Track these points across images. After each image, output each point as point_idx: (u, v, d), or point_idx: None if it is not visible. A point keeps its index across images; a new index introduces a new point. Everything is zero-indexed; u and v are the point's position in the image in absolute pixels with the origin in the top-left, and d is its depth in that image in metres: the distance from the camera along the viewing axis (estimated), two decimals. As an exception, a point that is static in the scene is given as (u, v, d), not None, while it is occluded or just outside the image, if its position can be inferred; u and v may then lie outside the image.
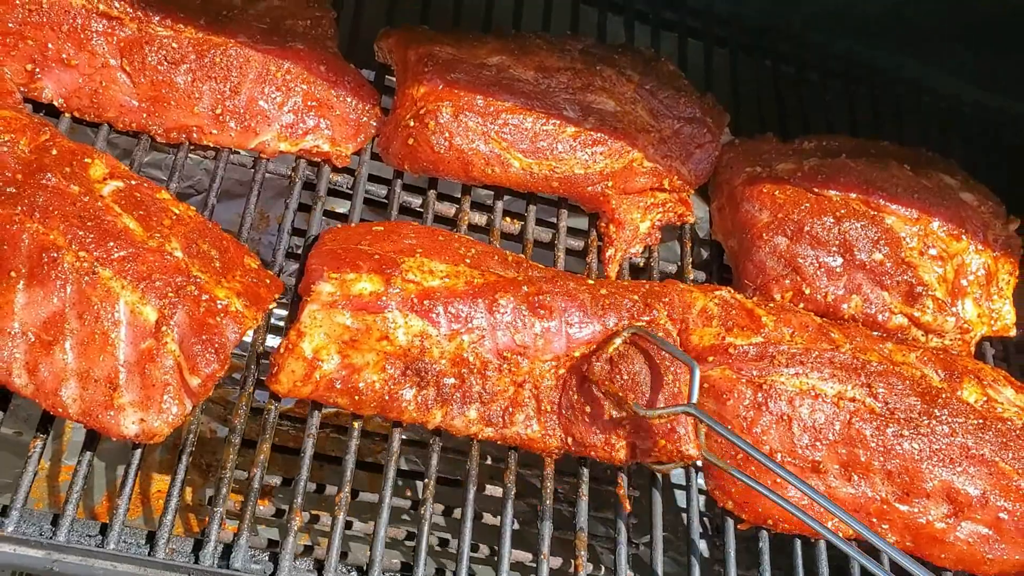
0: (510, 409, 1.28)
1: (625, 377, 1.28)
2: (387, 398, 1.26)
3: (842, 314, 1.55)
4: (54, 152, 1.22)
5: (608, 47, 1.66)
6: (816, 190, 1.58)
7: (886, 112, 1.95)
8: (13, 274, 1.12)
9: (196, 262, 1.20)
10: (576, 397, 1.29)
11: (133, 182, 1.27)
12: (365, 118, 1.50)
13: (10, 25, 1.35)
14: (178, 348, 1.14)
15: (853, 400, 1.39)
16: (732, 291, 1.47)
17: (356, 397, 1.25)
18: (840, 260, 1.55)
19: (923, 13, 1.83)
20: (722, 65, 1.88)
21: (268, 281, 1.29)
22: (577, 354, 1.30)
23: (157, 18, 1.40)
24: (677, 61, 1.82)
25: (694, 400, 1.27)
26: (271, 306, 1.28)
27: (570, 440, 1.30)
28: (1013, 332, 1.63)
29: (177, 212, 1.27)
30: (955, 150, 1.86)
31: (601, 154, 1.52)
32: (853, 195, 1.59)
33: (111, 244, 1.16)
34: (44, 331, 1.12)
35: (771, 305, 1.48)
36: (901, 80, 1.97)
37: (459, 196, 1.54)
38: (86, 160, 1.24)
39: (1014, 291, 1.68)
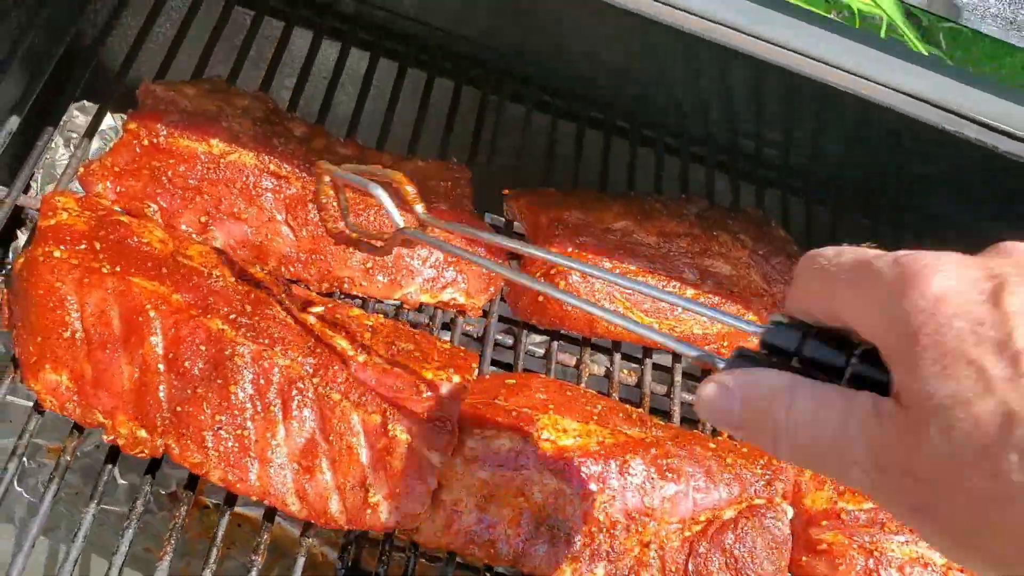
0: (636, 568, 1.35)
1: (744, 550, 1.34)
2: (521, 552, 1.33)
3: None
4: (261, 286, 1.34)
5: (721, 210, 1.77)
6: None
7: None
8: (273, 409, 1.23)
9: (401, 359, 1.34)
10: (700, 562, 1.35)
11: (329, 305, 1.39)
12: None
13: (191, 181, 1.48)
14: (408, 435, 1.26)
15: (962, 571, 1.43)
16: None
17: (491, 550, 1.32)
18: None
19: None
20: (823, 223, 1.97)
21: (462, 353, 1.41)
22: (703, 518, 1.37)
23: (319, 178, 1.53)
24: (780, 218, 1.93)
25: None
26: (474, 369, 1.38)
27: (690, 600, 1.36)
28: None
29: (370, 323, 1.39)
30: None
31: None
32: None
33: (335, 367, 1.28)
34: (303, 458, 1.24)
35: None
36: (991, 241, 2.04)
37: (580, 344, 1.63)
38: (288, 291, 1.37)
39: None
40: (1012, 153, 1.24)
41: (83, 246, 1.29)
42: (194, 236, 1.49)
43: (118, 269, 1.26)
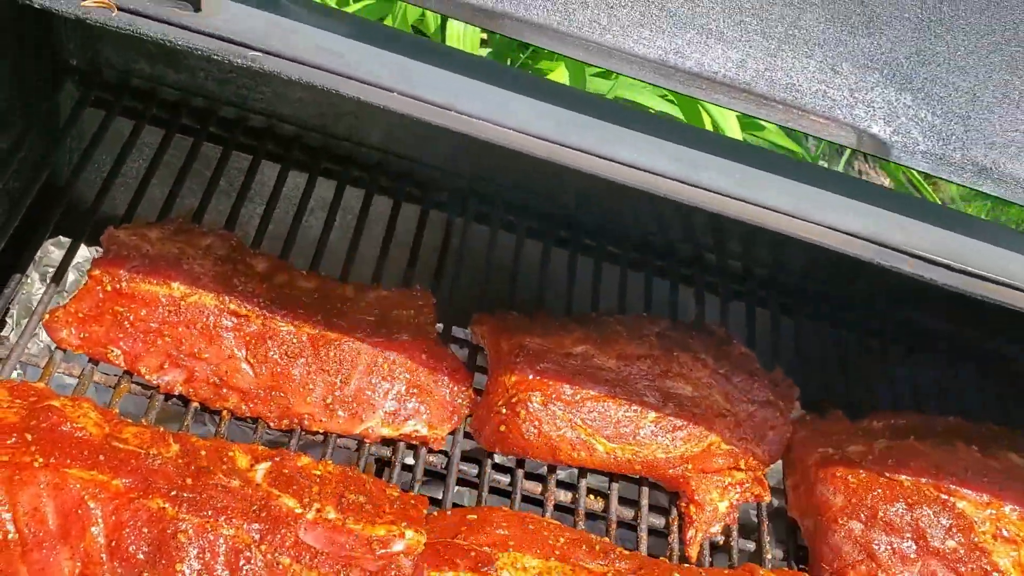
0: None
1: None
2: None
3: (918, 600, 1.58)
4: (203, 453, 1.35)
5: (682, 327, 1.78)
6: (887, 475, 1.64)
7: (946, 373, 2.03)
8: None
9: (351, 515, 1.33)
10: None
11: (277, 458, 1.39)
12: (460, 400, 1.62)
13: (152, 325, 1.51)
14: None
15: None
16: (809, 578, 1.51)
17: None
18: (914, 546, 1.59)
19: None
20: (788, 332, 1.99)
21: (413, 501, 1.42)
22: (665, 656, 1.35)
23: (279, 315, 1.55)
24: (745, 328, 1.94)
25: None
26: (424, 518, 1.39)
27: None
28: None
29: (319, 472, 1.40)
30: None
31: (681, 439, 1.61)
32: (924, 480, 1.64)
33: (282, 531, 1.28)
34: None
35: (848, 591, 1.52)
36: (963, 344, 2.06)
37: (545, 474, 1.63)
38: (231, 453, 1.37)
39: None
40: (950, 286, 1.26)
41: (13, 439, 1.28)
42: (152, 380, 1.50)
43: (52, 460, 1.27)
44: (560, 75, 2.84)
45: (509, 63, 2.95)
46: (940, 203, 3.63)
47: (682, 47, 1.21)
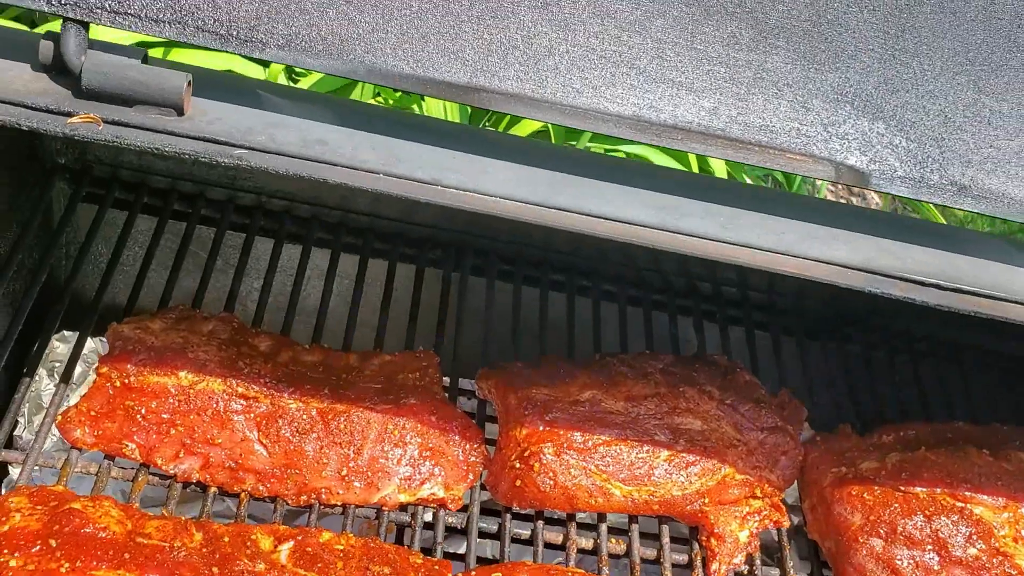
0: None
1: None
2: None
3: (946, 611, 1.59)
4: (226, 539, 1.36)
5: (686, 361, 1.80)
6: (902, 488, 1.66)
7: (952, 377, 2.05)
8: None
9: None
10: None
11: (299, 537, 1.41)
12: (473, 457, 1.63)
13: (164, 416, 1.52)
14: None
15: None
16: (837, 601, 1.52)
17: None
18: (936, 557, 1.60)
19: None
20: (791, 352, 2.01)
21: (437, 567, 1.43)
22: None
23: (287, 393, 1.57)
24: (747, 353, 1.96)
25: None
26: None
27: None
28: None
29: (342, 547, 1.41)
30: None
31: (696, 474, 1.63)
32: (939, 490, 1.66)
33: None
34: None
35: (876, 609, 1.53)
36: (965, 346, 2.07)
37: (565, 521, 1.64)
38: (253, 536, 1.39)
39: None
40: (943, 306, 1.28)
41: (38, 547, 1.30)
42: (169, 469, 1.52)
43: (79, 564, 1.28)
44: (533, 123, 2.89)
45: (487, 116, 3.00)
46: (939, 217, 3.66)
47: (655, 101, 1.24)
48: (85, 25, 1.16)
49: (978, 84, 1.28)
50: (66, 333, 2.02)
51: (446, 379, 1.74)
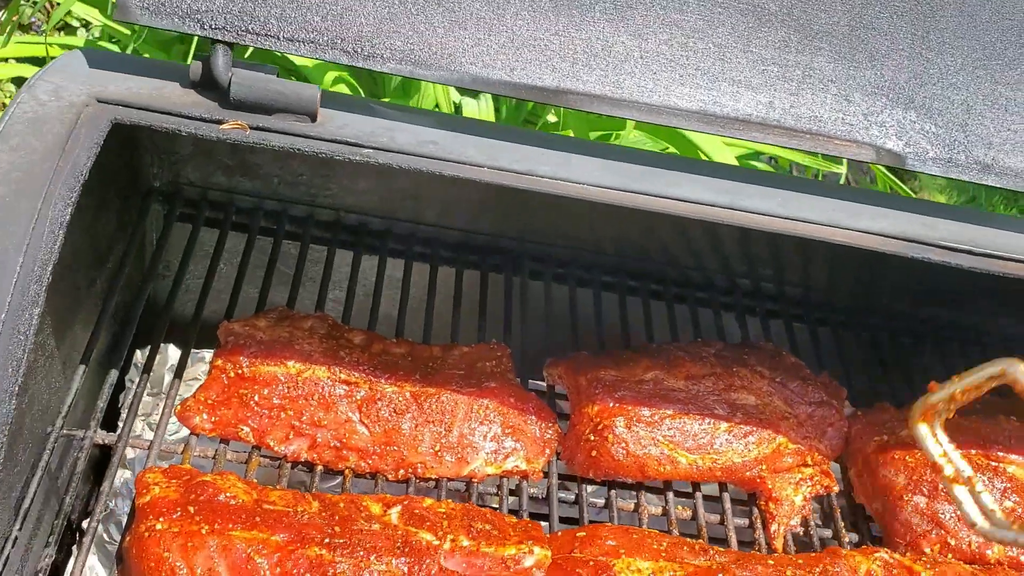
0: None
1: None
2: None
3: (988, 559, 1.75)
4: (341, 505, 1.52)
5: (735, 347, 1.98)
6: (941, 451, 1.82)
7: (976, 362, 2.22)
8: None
9: (482, 540, 1.50)
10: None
11: (405, 503, 1.56)
12: (549, 434, 1.79)
13: (275, 401, 1.69)
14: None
15: None
16: (889, 551, 1.68)
17: None
18: (976, 511, 1.76)
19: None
20: (827, 341, 2.18)
21: (530, 526, 1.59)
22: (776, 631, 1.51)
23: (384, 379, 1.74)
24: (788, 343, 2.14)
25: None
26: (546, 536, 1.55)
27: None
28: None
29: (443, 510, 1.56)
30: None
31: (753, 443, 1.79)
32: (973, 451, 1.82)
33: (426, 562, 1.45)
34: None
35: (924, 559, 1.68)
36: (987, 332, 2.25)
37: (634, 491, 1.80)
38: (364, 503, 1.54)
39: None
40: (977, 268, 1.46)
41: (178, 513, 1.45)
42: (280, 449, 1.68)
43: (217, 526, 1.44)
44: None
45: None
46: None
47: (718, 97, 1.43)
48: (231, 46, 1.35)
49: (995, 77, 1.47)
50: (170, 346, 2.18)
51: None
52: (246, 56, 1.74)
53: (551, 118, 3.19)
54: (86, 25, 3.73)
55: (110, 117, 1.32)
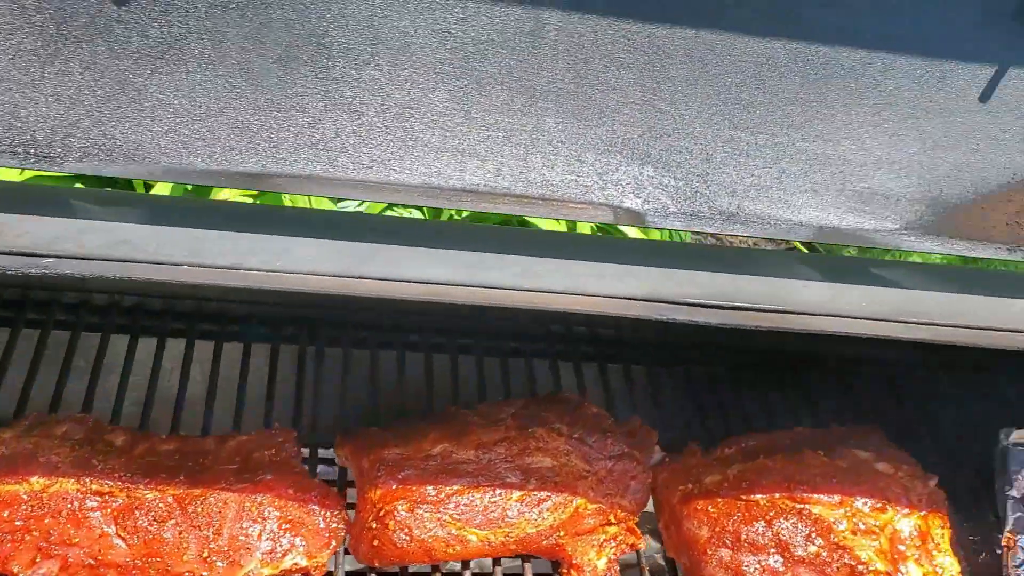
0: None
1: None
2: None
3: (797, 608, 1.70)
4: None
5: (536, 402, 1.89)
6: (744, 497, 1.76)
7: (790, 386, 2.19)
8: None
9: None
10: None
11: None
12: (335, 524, 1.68)
13: (17, 523, 1.54)
14: None
15: None
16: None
17: None
18: (780, 559, 1.71)
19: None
20: (641, 382, 2.12)
21: None
22: None
23: (143, 484, 1.61)
24: (600, 386, 2.07)
25: None
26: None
27: None
28: (960, 583, 1.77)
29: None
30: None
31: (548, 509, 1.71)
32: (777, 495, 1.77)
33: None
34: None
35: (730, 615, 1.63)
36: (799, 358, 2.22)
37: (430, 574, 1.71)
38: None
39: (950, 542, 1.83)
40: (726, 324, 1.40)
41: None
42: (27, 573, 1.54)
43: None
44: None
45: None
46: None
47: (442, 169, 1.34)
48: None
49: (733, 122, 1.41)
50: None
51: (306, 450, 1.80)
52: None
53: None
54: None
55: None
